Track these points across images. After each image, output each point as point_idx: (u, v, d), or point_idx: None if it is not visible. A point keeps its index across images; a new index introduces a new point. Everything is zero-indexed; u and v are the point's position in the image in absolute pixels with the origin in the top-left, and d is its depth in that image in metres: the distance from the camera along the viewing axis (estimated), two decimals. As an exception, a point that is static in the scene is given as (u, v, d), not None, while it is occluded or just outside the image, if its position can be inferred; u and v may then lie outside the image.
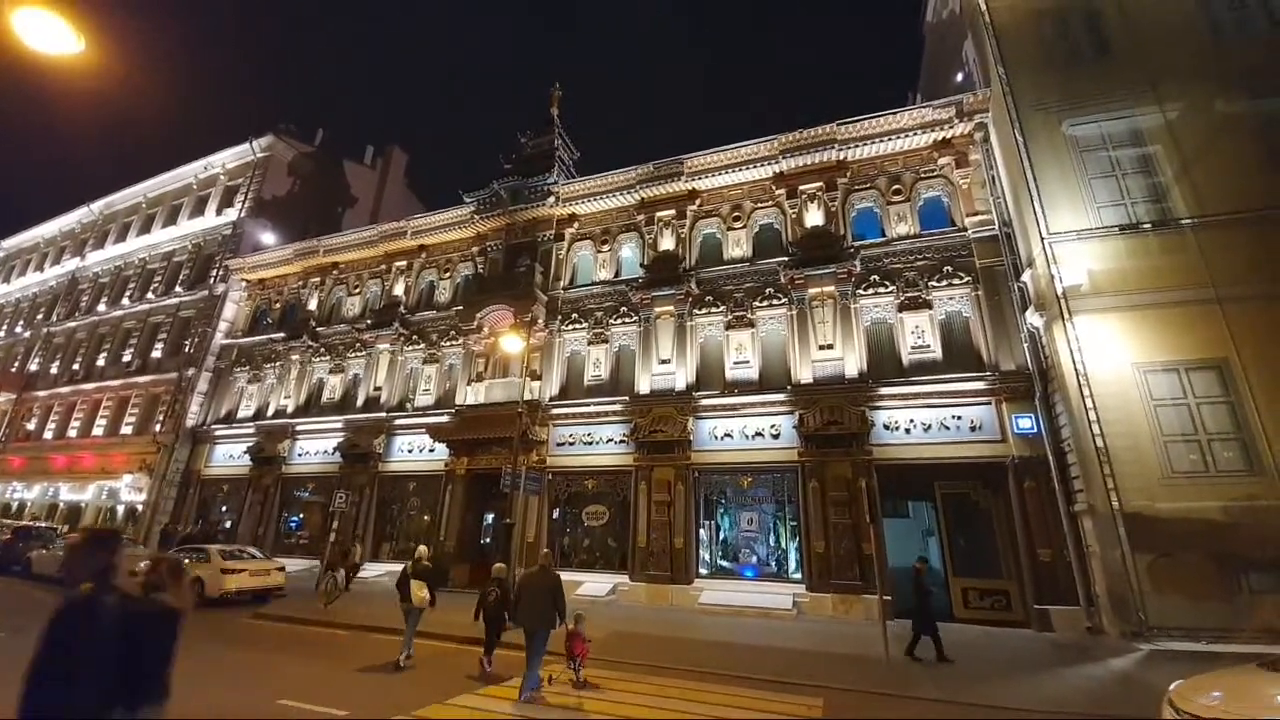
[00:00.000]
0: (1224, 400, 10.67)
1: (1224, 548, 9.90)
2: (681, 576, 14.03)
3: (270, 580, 13.82)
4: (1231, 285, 10.90)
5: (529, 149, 21.67)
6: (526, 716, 6.35)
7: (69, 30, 5.19)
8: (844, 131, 15.77)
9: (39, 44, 5.19)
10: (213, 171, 30.35)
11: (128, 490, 23.46)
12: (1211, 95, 12.51)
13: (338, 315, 23.43)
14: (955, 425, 13.06)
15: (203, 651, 8.96)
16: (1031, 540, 11.76)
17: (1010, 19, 14.28)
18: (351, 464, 19.58)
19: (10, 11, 5.08)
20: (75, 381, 28.58)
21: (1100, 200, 12.27)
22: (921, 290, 14.34)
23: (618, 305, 17.59)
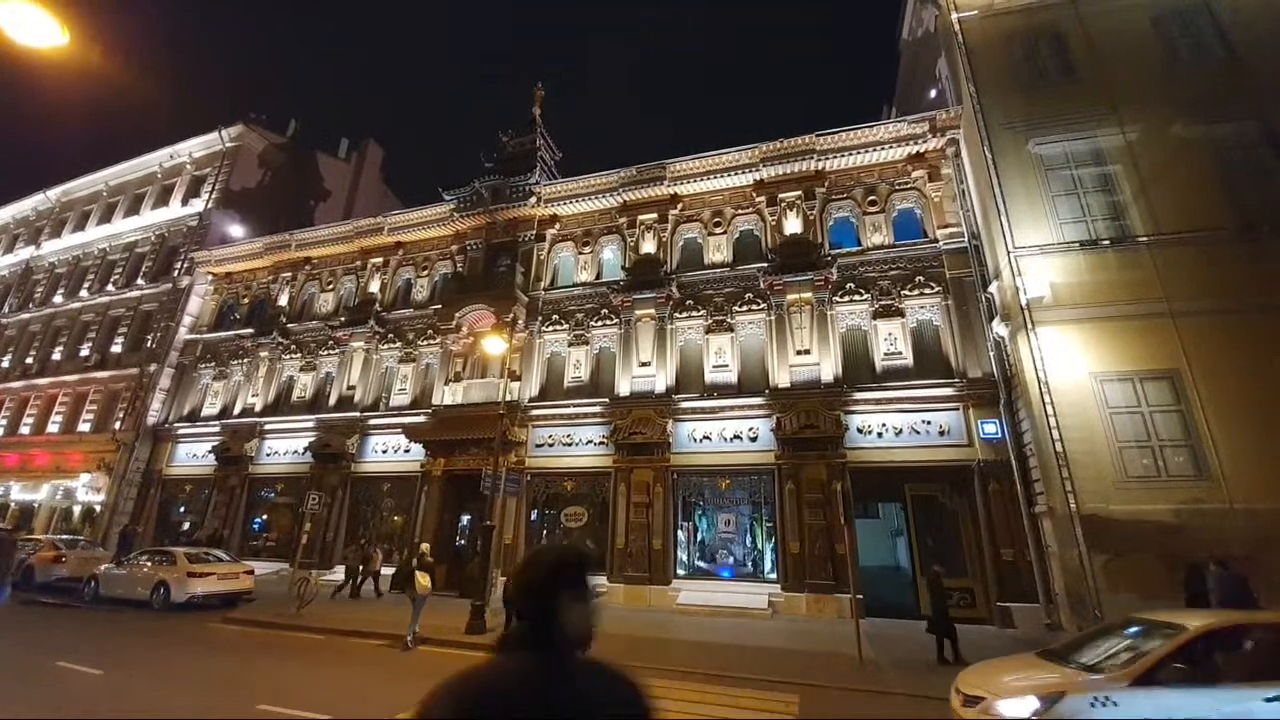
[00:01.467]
0: (1175, 409, 11.28)
1: (1174, 549, 10.43)
2: (660, 577, 14.19)
3: (239, 584, 13.51)
4: (1184, 300, 11.51)
5: (510, 148, 21.59)
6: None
7: (53, 22, 5.09)
8: (822, 142, 16.16)
9: (22, 36, 5.08)
10: (179, 160, 29.39)
11: (85, 490, 22.59)
12: (1169, 119, 13.19)
13: (309, 312, 22.94)
14: (925, 430, 13.51)
15: (175, 657, 8.78)
16: (995, 540, 12.26)
17: (982, 40, 14.84)
18: (323, 464, 19.21)
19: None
20: (29, 376, 27.34)
21: (1063, 217, 12.85)
22: (894, 299, 14.78)
23: (599, 307, 17.66)
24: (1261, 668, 4.86)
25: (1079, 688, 4.91)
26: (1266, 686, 4.61)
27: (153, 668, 8.03)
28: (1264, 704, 4.52)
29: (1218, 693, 4.69)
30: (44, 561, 15.01)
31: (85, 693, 6.87)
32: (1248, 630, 5.26)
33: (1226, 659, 5.04)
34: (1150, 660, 4.94)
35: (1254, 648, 5.08)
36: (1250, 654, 5.06)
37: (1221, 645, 5.12)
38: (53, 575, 14.78)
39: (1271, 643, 5.10)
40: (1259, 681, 4.69)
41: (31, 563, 15.04)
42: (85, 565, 14.67)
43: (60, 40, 5.19)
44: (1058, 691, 4.91)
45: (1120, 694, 4.75)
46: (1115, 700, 4.72)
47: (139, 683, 7.29)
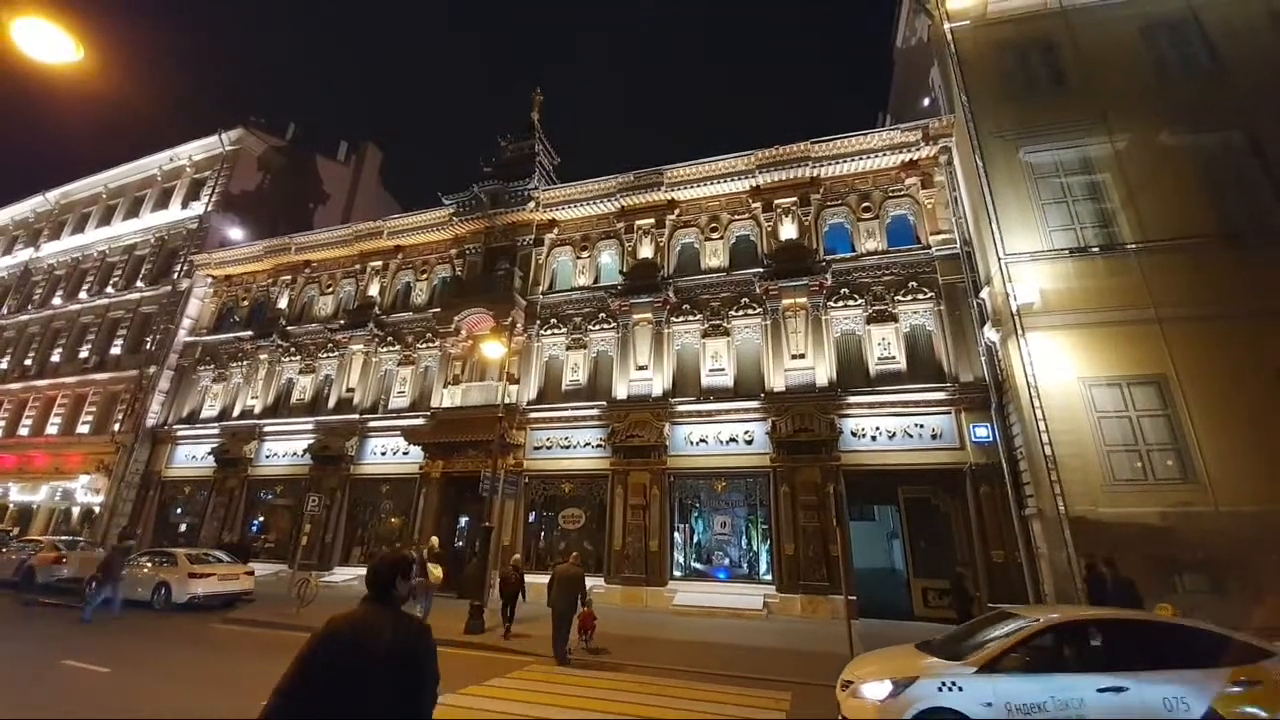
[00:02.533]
0: (1162, 413, 11.50)
1: (1160, 550, 10.66)
2: (656, 579, 14.35)
3: (239, 585, 13.62)
4: (1170, 307, 11.71)
5: (509, 153, 21.79)
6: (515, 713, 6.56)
7: (68, 40, 5.26)
8: (817, 150, 16.39)
9: (38, 53, 5.25)
10: (178, 163, 29.51)
11: (84, 491, 22.67)
12: (1156, 128, 13.43)
13: (309, 314, 23.08)
14: (918, 433, 13.71)
15: (179, 656, 8.93)
16: (986, 542, 12.46)
17: (973, 50, 15.08)
18: (322, 466, 19.34)
19: (10, 21, 5.14)
20: (27, 377, 27.41)
21: (1053, 224, 13.08)
22: (888, 304, 15.00)
23: (596, 311, 17.85)
24: (1099, 661, 5.20)
25: (931, 674, 5.34)
26: (1100, 677, 4.96)
27: (158, 666, 8.16)
28: (1096, 694, 4.86)
29: (1053, 680, 5.05)
30: (45, 562, 15.10)
31: (94, 691, 7.00)
32: (1087, 626, 5.56)
33: (1068, 651, 5.41)
34: (995, 650, 5.35)
35: (1092, 642, 5.40)
36: (1089, 647, 5.38)
37: (1064, 638, 5.47)
38: (53, 576, 14.86)
39: (1109, 638, 5.39)
40: (1094, 672, 5.04)
41: (32, 564, 15.13)
42: (87, 566, 14.74)
43: (75, 56, 5.37)
44: (911, 677, 5.36)
45: (966, 679, 5.16)
46: (961, 685, 5.14)
47: (145, 681, 7.42)
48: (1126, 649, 5.29)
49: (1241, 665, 4.91)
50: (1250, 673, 4.82)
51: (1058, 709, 4.86)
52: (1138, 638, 5.42)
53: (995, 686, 5.07)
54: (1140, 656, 5.16)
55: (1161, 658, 5.12)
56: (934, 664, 5.51)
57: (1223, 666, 4.91)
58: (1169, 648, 5.25)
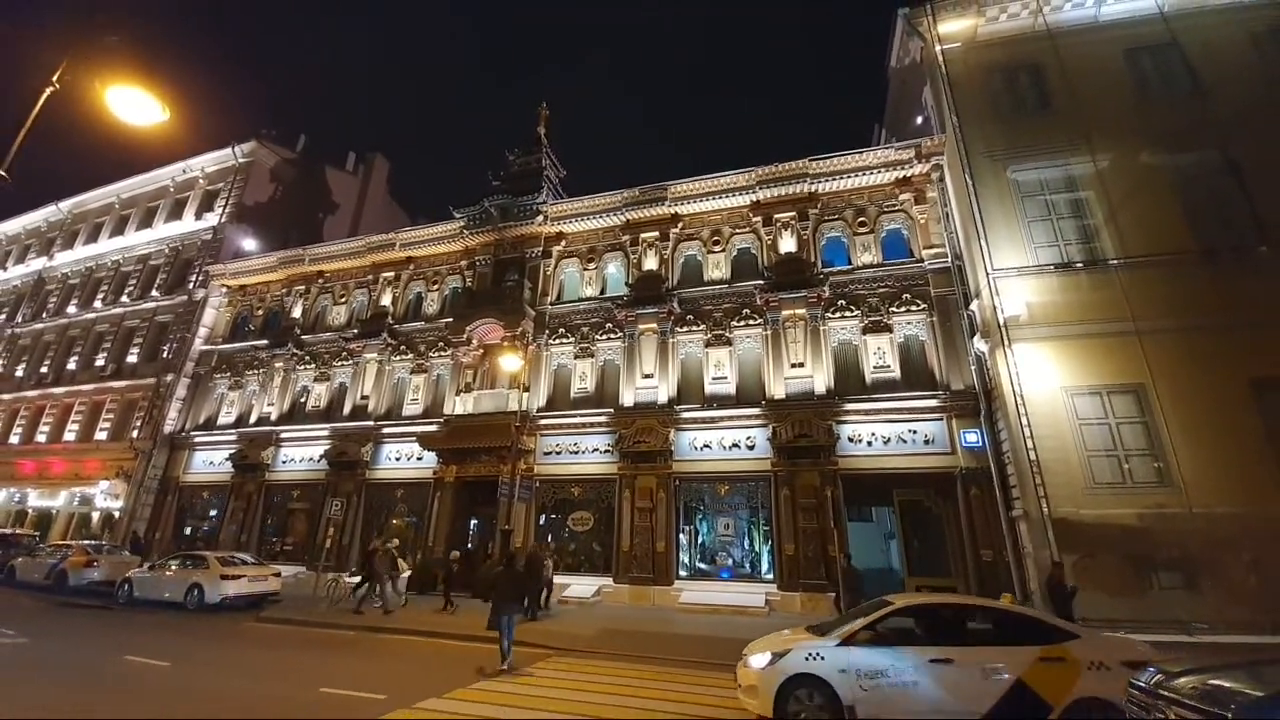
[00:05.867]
0: (1140, 421, 12.21)
1: (1138, 550, 11.37)
2: (663, 578, 15.04)
3: (267, 585, 14.29)
4: (1149, 319, 12.37)
5: (517, 166, 22.49)
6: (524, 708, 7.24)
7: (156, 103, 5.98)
8: (815, 166, 17.12)
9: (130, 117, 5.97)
10: (191, 175, 30.18)
11: (104, 497, 23.34)
12: (1137, 148, 14.13)
13: (323, 324, 23.76)
14: (911, 439, 14.42)
15: (227, 650, 9.63)
16: (976, 542, 13.16)
17: (964, 71, 15.81)
18: (338, 471, 20.03)
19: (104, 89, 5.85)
20: (44, 385, 28.07)
21: (1038, 241, 13.81)
22: (883, 315, 15.71)
23: (603, 321, 18.55)
24: (934, 637, 6.23)
25: (802, 647, 6.32)
26: (933, 650, 5.96)
27: (211, 660, 8.84)
28: (929, 664, 5.84)
29: (895, 652, 6.02)
30: (76, 566, 15.76)
31: (164, 682, 7.66)
32: (932, 609, 6.72)
33: (911, 629, 6.44)
34: (853, 628, 6.37)
35: (935, 621, 6.45)
36: (928, 626, 6.42)
37: (908, 619, 6.51)
38: (85, 579, 15.53)
39: (948, 618, 6.47)
40: (929, 646, 6.05)
41: (64, 567, 15.79)
42: (119, 569, 15.44)
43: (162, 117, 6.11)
44: (786, 649, 6.34)
45: (828, 651, 6.15)
46: (823, 655, 6.12)
47: (205, 673, 8.09)
48: (958, 628, 6.32)
49: (1051, 645, 5.81)
50: (1057, 651, 5.73)
51: (897, 674, 5.84)
52: (968, 619, 6.45)
53: (849, 656, 6.03)
54: (968, 634, 6.20)
55: (986, 636, 6.15)
56: (807, 639, 6.51)
57: (1035, 645, 5.82)
58: (993, 628, 6.25)
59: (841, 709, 5.82)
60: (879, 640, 6.16)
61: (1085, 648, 5.76)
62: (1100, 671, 5.53)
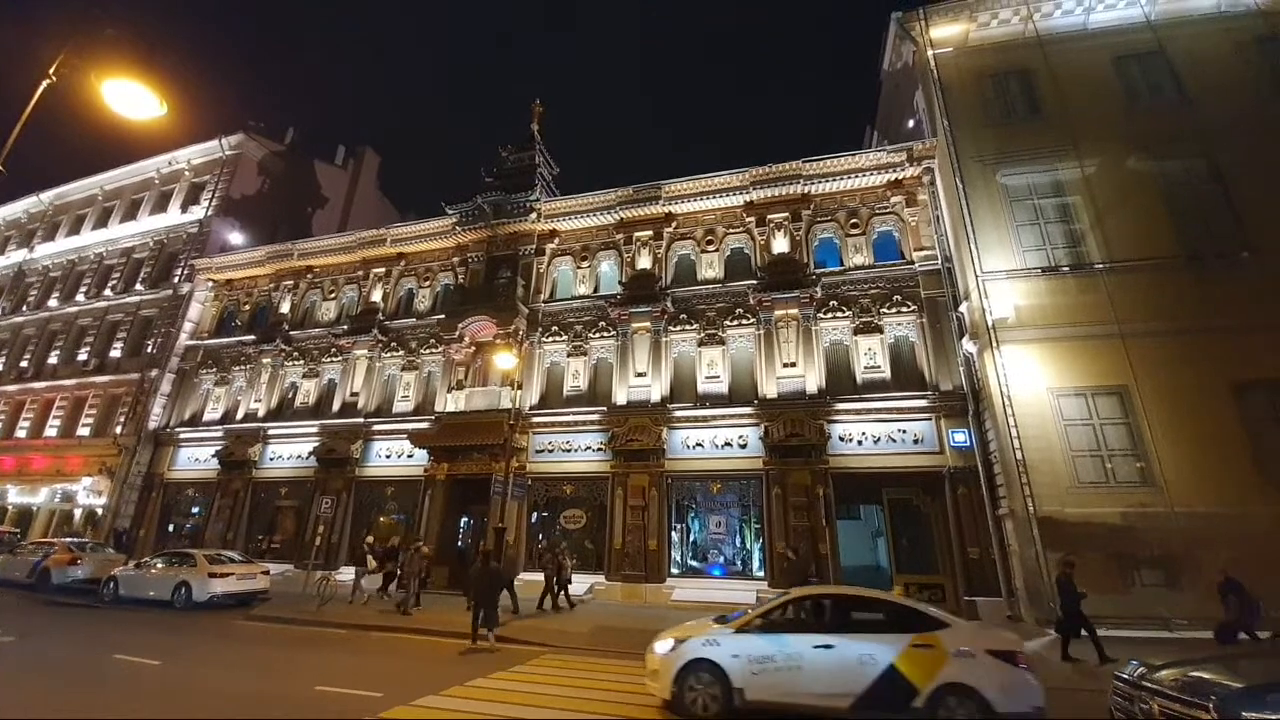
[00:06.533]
0: (1123, 421, 12.50)
1: (1121, 548, 11.64)
2: (655, 576, 15.12)
3: (256, 584, 14.18)
4: (1133, 322, 12.69)
5: (510, 163, 22.40)
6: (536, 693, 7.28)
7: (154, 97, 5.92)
8: (809, 168, 17.25)
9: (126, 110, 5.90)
10: (177, 167, 29.69)
11: (86, 493, 22.97)
12: (1124, 154, 14.44)
13: (311, 319, 23.52)
14: (901, 438, 14.61)
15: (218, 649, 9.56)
16: (964, 540, 13.37)
17: (955, 76, 16.02)
18: (327, 469, 19.86)
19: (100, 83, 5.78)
20: (23, 380, 27.52)
21: (1026, 245, 14.05)
22: (874, 316, 15.89)
23: (596, 319, 18.56)
24: (819, 625, 6.72)
25: (701, 634, 6.77)
26: (817, 637, 6.41)
27: (203, 659, 8.76)
28: (812, 649, 6.29)
29: (783, 638, 6.49)
30: (60, 563, 15.51)
31: (157, 681, 7.58)
32: (823, 599, 7.15)
33: (799, 618, 6.94)
34: (749, 617, 6.88)
35: (825, 611, 6.92)
36: (815, 616, 6.94)
37: (797, 609, 7.02)
38: (69, 577, 15.28)
39: (837, 608, 6.89)
40: (814, 633, 6.51)
41: (48, 565, 15.53)
42: (104, 567, 15.21)
43: (159, 112, 6.04)
44: (687, 636, 6.79)
45: (724, 638, 6.62)
46: (719, 642, 6.57)
47: (198, 671, 8.02)
48: (841, 617, 6.74)
49: (923, 633, 6.21)
50: (928, 639, 6.14)
51: (784, 659, 6.30)
52: (851, 609, 6.85)
53: (741, 643, 6.50)
54: (851, 623, 6.63)
55: (866, 625, 6.59)
56: (709, 628, 6.95)
57: (909, 633, 6.24)
58: (873, 617, 6.74)
59: (732, 690, 6.28)
60: (771, 628, 6.65)
61: (954, 636, 6.15)
62: (965, 659, 5.94)
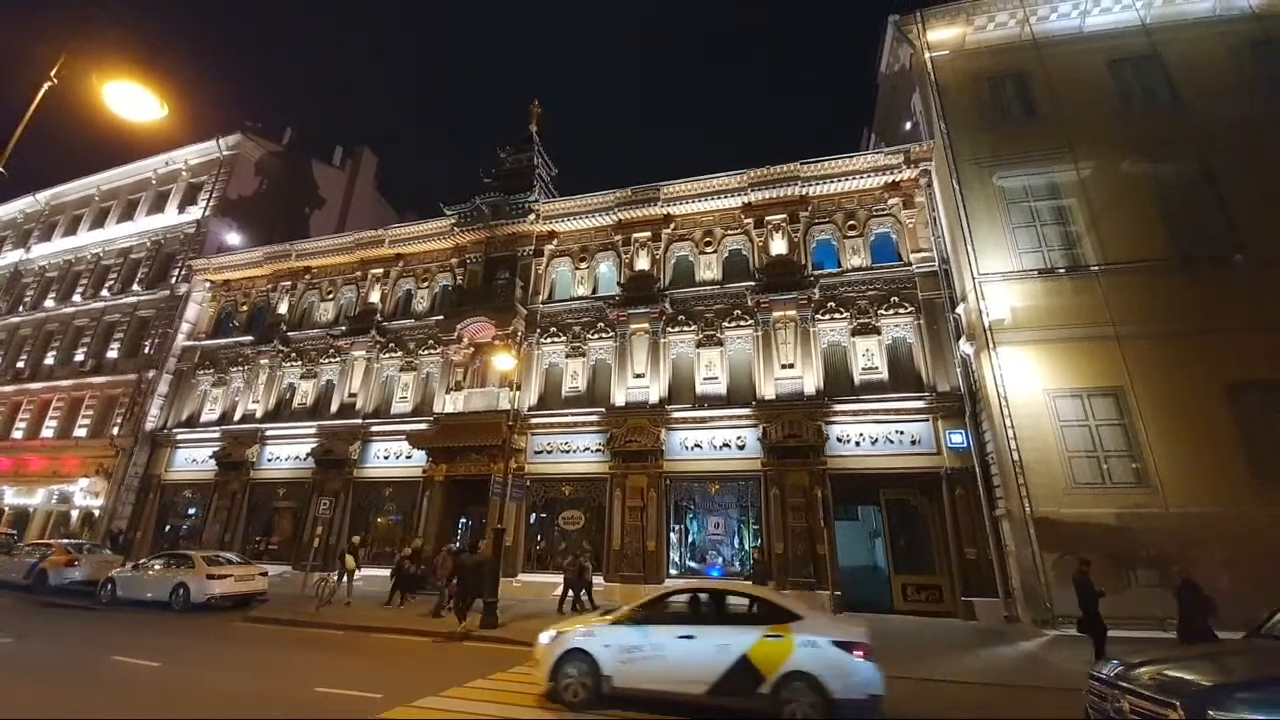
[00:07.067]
0: (1119, 423, 12.58)
1: (1117, 548, 11.70)
2: (653, 577, 15.13)
3: (254, 585, 14.16)
4: (1128, 324, 12.79)
5: (509, 164, 22.42)
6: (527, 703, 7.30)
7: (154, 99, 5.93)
8: (806, 170, 17.32)
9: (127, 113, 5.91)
10: (174, 167, 29.62)
11: (83, 494, 22.90)
12: (1119, 157, 14.53)
13: (309, 320, 23.49)
14: (898, 439, 14.67)
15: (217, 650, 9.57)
16: (960, 541, 13.43)
17: (952, 79, 16.10)
18: (326, 470, 19.84)
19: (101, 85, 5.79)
20: (20, 380, 27.43)
21: (1022, 247, 14.14)
22: (871, 317, 15.95)
23: (595, 321, 18.59)
24: (684, 618, 7.16)
25: (581, 626, 7.30)
26: (680, 628, 6.86)
27: (202, 660, 8.77)
28: (676, 640, 6.73)
29: (650, 630, 6.93)
30: (57, 565, 15.47)
31: (156, 682, 7.58)
32: (694, 593, 7.58)
33: (667, 610, 7.28)
34: (628, 610, 7.36)
35: (695, 605, 7.35)
36: (682, 609, 7.34)
37: (667, 602, 7.40)
38: (66, 578, 15.25)
39: (706, 602, 7.34)
40: (677, 625, 6.95)
41: (45, 566, 15.50)
42: (101, 568, 15.19)
43: (160, 114, 6.06)
44: (568, 629, 7.31)
45: (599, 630, 7.10)
46: (594, 633, 7.06)
47: (197, 672, 8.03)
48: (707, 610, 7.22)
49: (775, 624, 6.60)
50: (779, 630, 6.51)
51: (650, 649, 6.76)
52: (713, 603, 7.32)
53: (614, 634, 6.97)
54: (714, 616, 7.11)
55: (728, 617, 7.04)
56: (588, 622, 7.49)
57: (765, 625, 6.65)
58: (733, 610, 7.16)
59: (601, 678, 6.75)
60: (645, 620, 7.09)
61: (803, 628, 6.52)
62: (809, 648, 6.32)
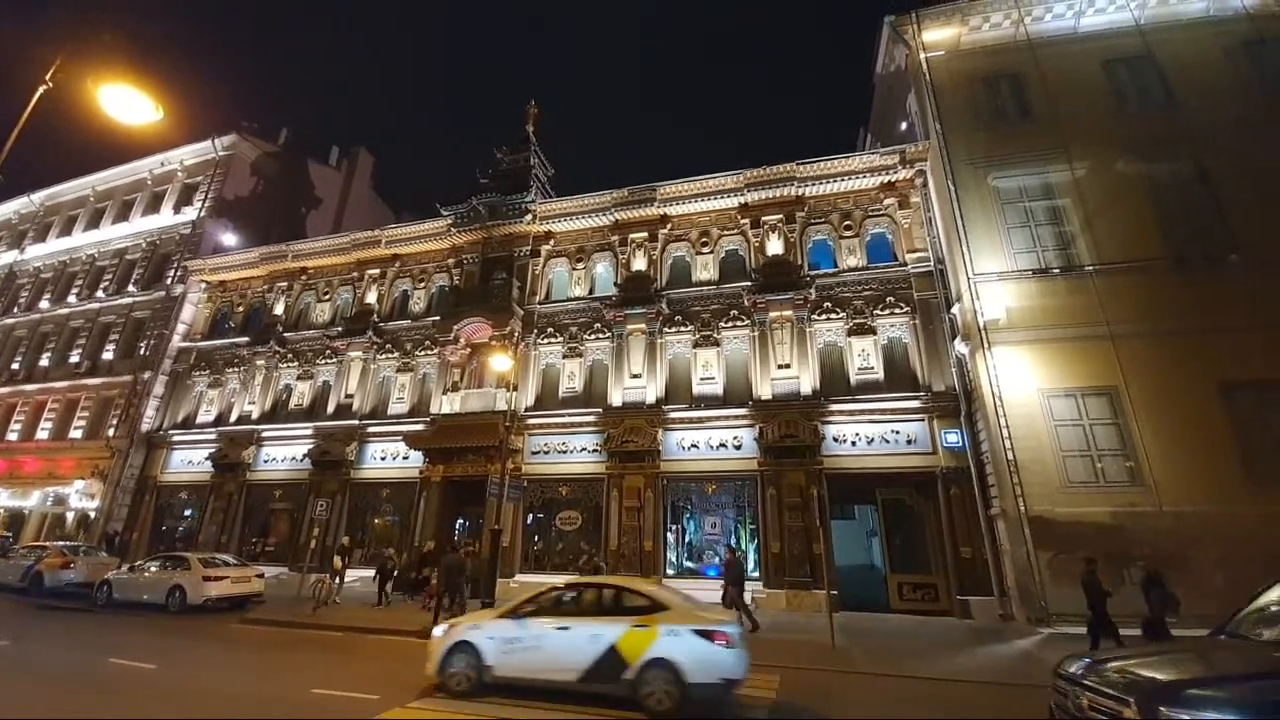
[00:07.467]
0: (1113, 422, 12.64)
1: (1111, 547, 11.72)
2: (650, 576, 15.16)
3: (251, 587, 14.11)
4: (1122, 324, 12.82)
5: (505, 164, 22.43)
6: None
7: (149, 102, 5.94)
8: (803, 170, 17.37)
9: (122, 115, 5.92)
10: (169, 168, 29.56)
11: (78, 496, 22.84)
12: (1113, 157, 14.59)
13: (306, 321, 23.47)
14: (894, 439, 14.72)
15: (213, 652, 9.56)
16: (956, 540, 13.50)
17: (947, 80, 16.15)
18: (322, 471, 19.83)
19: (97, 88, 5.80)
20: (15, 382, 27.33)
21: (1017, 247, 14.19)
22: (867, 317, 16.01)
23: (592, 321, 18.61)
24: (562, 611, 7.43)
25: (471, 620, 7.65)
26: (558, 620, 7.20)
27: (198, 662, 8.75)
28: (553, 631, 7.09)
29: (529, 622, 7.28)
30: (53, 567, 15.42)
31: (153, 684, 7.56)
32: (578, 588, 7.93)
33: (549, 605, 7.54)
34: (512, 605, 7.72)
35: (575, 598, 7.66)
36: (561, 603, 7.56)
37: (549, 597, 7.65)
38: (62, 580, 15.20)
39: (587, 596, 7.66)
40: (556, 617, 7.27)
41: (40, 569, 15.45)
42: (97, 570, 15.15)
43: (155, 117, 6.07)
44: (460, 623, 7.68)
45: (486, 623, 7.46)
46: (480, 626, 7.41)
47: (194, 674, 8.01)
48: (584, 604, 7.52)
49: (643, 615, 6.94)
50: (646, 620, 6.84)
51: (530, 640, 7.12)
52: (592, 597, 7.62)
53: (499, 627, 7.32)
54: (589, 609, 7.40)
55: (602, 610, 7.33)
56: (480, 615, 7.88)
57: (635, 616, 6.98)
58: (608, 603, 7.42)
59: (484, 668, 7.11)
60: (531, 613, 7.41)
61: (668, 618, 6.83)
62: (671, 637, 6.62)
